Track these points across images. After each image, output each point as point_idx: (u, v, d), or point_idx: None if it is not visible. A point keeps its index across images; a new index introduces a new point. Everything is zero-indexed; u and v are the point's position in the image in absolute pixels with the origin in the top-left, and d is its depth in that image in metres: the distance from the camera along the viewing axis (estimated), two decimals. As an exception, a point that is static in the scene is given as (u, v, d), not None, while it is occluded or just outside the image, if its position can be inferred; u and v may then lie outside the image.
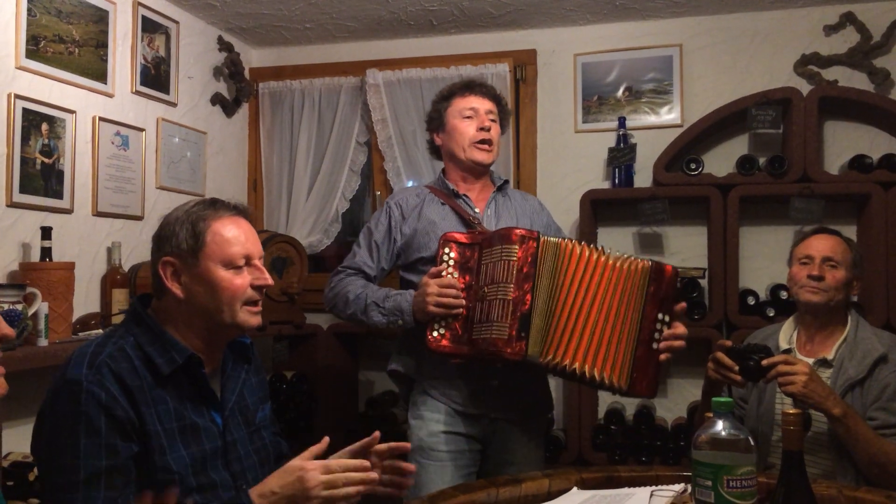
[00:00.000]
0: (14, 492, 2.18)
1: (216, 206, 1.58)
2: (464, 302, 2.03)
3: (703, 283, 3.24)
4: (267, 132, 3.83)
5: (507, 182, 2.40)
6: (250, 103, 3.85)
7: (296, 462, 1.47)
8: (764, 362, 1.97)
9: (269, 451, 1.69)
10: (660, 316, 1.99)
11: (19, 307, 2.15)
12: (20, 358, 2.12)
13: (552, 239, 2.01)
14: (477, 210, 2.28)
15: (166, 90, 3.26)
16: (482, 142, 2.26)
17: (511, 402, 2.20)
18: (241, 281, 1.54)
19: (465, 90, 2.32)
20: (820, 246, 2.17)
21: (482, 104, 2.30)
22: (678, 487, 1.60)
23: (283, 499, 1.43)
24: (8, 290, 2.18)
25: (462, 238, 2.11)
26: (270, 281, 1.60)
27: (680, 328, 2.02)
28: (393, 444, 1.55)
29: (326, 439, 1.52)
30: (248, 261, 1.56)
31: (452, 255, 2.09)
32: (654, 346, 1.99)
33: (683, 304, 2.07)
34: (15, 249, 2.51)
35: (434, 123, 2.37)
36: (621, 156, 3.33)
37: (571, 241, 2.04)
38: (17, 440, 2.24)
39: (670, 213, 3.19)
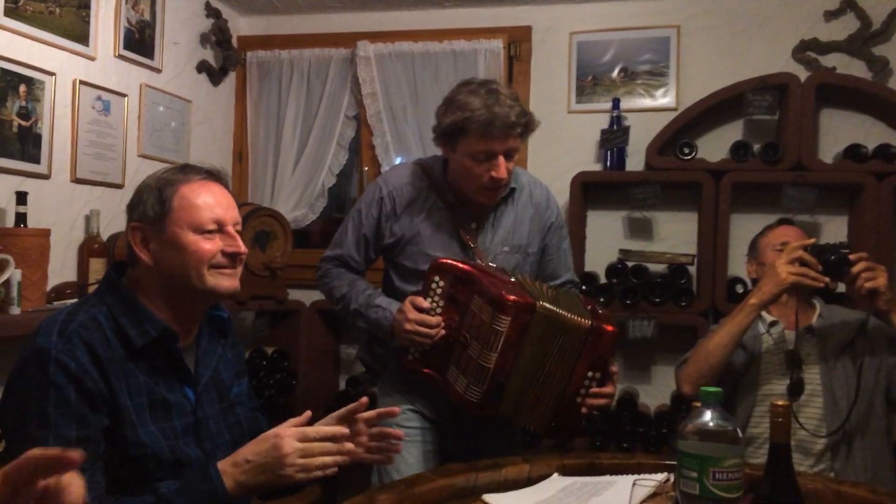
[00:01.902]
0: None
1: (186, 171, 1.52)
2: (433, 339, 1.96)
3: (692, 269, 3.21)
4: (254, 102, 3.75)
5: (514, 190, 2.19)
6: (237, 72, 3.76)
7: (272, 430, 1.42)
8: (851, 256, 2.06)
9: (243, 427, 1.64)
10: (590, 374, 1.97)
11: (-10, 273, 2.09)
12: (-10, 326, 2.06)
13: (546, 308, 1.91)
14: (474, 225, 2.13)
15: (150, 55, 3.17)
16: (493, 188, 2.06)
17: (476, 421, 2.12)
18: (209, 245, 1.48)
19: (485, 132, 1.94)
20: (792, 233, 2.33)
21: (503, 145, 1.98)
22: (661, 477, 1.57)
23: (256, 467, 1.38)
24: (-21, 255, 2.11)
25: (456, 270, 1.97)
26: (243, 248, 1.53)
27: (608, 388, 1.99)
28: (381, 409, 1.51)
29: (308, 413, 1.48)
30: (221, 227, 1.50)
31: (441, 283, 1.99)
32: (579, 399, 1.98)
33: (616, 368, 2.03)
34: (-12, 214, 2.44)
35: (443, 138, 2.06)
36: (614, 138, 3.28)
37: (570, 309, 1.95)
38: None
39: (661, 197, 3.15)
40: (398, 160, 3.51)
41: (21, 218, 2.41)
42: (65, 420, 1.32)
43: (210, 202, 1.50)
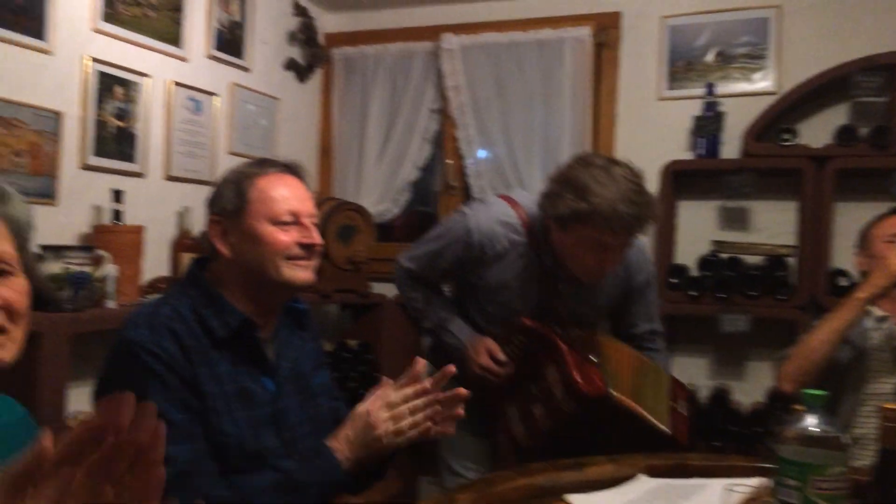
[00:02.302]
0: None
1: (263, 165, 1.54)
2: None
3: (790, 261, 3.04)
4: (339, 98, 3.78)
5: None
6: (323, 69, 3.81)
7: (363, 406, 1.48)
8: None
9: (325, 418, 1.64)
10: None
11: (88, 269, 2.17)
12: (87, 320, 2.15)
13: (619, 398, 1.86)
14: (561, 287, 2.02)
15: (240, 55, 3.25)
16: (601, 276, 1.96)
17: None
18: (285, 237, 1.49)
19: (606, 227, 1.78)
20: None
21: (617, 239, 1.83)
22: (755, 482, 1.47)
23: (356, 443, 1.46)
24: (77, 252, 2.20)
25: (543, 339, 1.94)
26: (318, 239, 1.53)
27: None
28: (437, 375, 1.49)
29: (387, 380, 1.51)
30: (297, 219, 1.51)
31: (524, 342, 1.98)
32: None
33: None
34: (87, 212, 2.54)
35: (555, 221, 1.89)
36: (708, 124, 3.14)
37: (651, 408, 1.89)
38: (85, 400, 2.27)
39: (758, 186, 2.99)
40: (481, 154, 3.47)
41: (117, 215, 2.51)
42: (168, 405, 1.35)
43: (286, 194, 1.50)
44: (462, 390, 1.50)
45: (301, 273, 1.51)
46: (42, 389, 1.95)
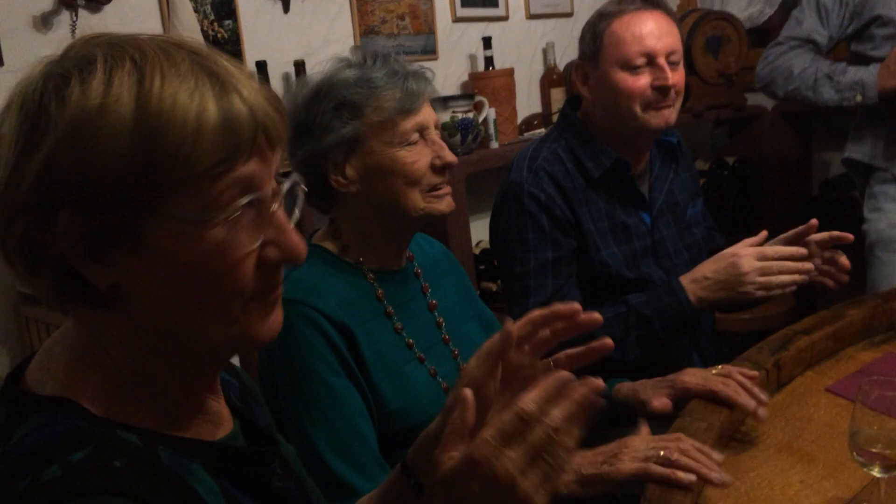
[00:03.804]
0: (485, 274, 2.56)
1: (623, 3, 1.52)
2: None
3: None
4: None
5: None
6: None
7: (729, 249, 1.44)
8: None
9: (700, 246, 1.67)
10: None
11: (470, 115, 2.40)
12: (477, 160, 2.40)
13: None
14: None
15: None
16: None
17: None
18: (638, 82, 1.48)
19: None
20: None
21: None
22: None
23: (715, 283, 1.42)
24: (460, 100, 2.44)
25: None
26: (672, 80, 1.49)
27: None
28: (834, 232, 1.40)
29: (764, 233, 1.45)
30: (652, 59, 1.48)
31: None
32: None
33: None
34: (463, 61, 2.77)
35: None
36: None
37: None
38: (483, 230, 2.59)
39: None
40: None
41: (489, 61, 2.69)
42: (541, 243, 1.51)
43: (639, 34, 1.48)
44: (813, 221, 1.39)
45: (656, 118, 1.50)
46: (451, 224, 2.26)
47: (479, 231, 2.53)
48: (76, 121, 0.57)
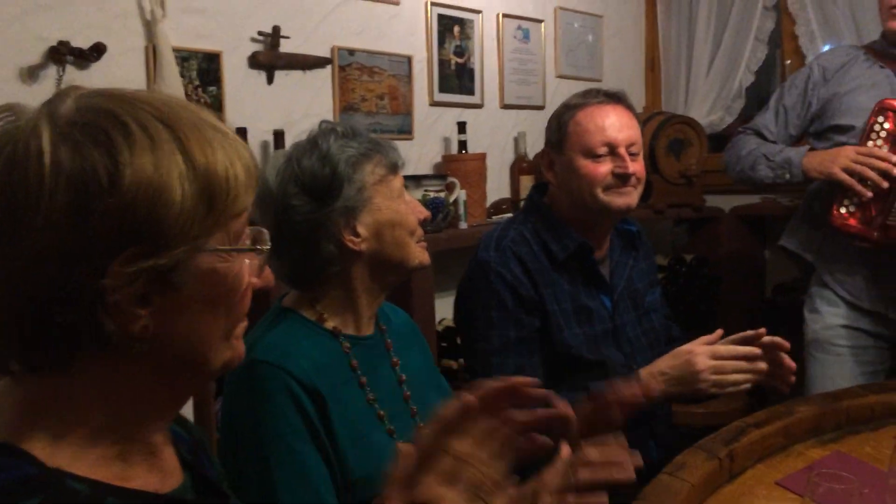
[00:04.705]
0: (447, 352, 2.57)
1: (586, 96, 1.61)
2: (885, 184, 1.77)
3: None
4: (664, 6, 3.66)
5: None
6: (647, -22, 3.71)
7: (686, 346, 1.48)
8: None
9: (658, 333, 1.72)
10: None
11: (442, 195, 2.46)
12: (445, 239, 2.45)
13: None
14: None
15: (563, -23, 3.30)
16: None
17: None
18: (600, 169, 1.55)
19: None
20: None
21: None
22: None
23: (671, 378, 1.46)
24: (433, 180, 2.51)
25: None
26: (631, 169, 1.57)
27: None
28: (776, 338, 1.46)
29: (720, 331, 1.50)
30: (613, 149, 1.56)
31: (886, 126, 1.81)
32: None
33: None
34: (438, 143, 2.85)
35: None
36: None
37: None
38: (447, 308, 2.61)
39: None
40: (825, 48, 3.15)
41: (462, 145, 2.78)
42: (505, 322, 1.54)
43: (601, 125, 1.56)
44: (762, 330, 1.45)
45: (618, 199, 1.57)
46: (416, 299, 2.29)
47: (444, 308, 2.55)
48: (135, 185, 0.62)
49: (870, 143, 1.83)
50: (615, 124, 1.58)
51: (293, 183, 1.17)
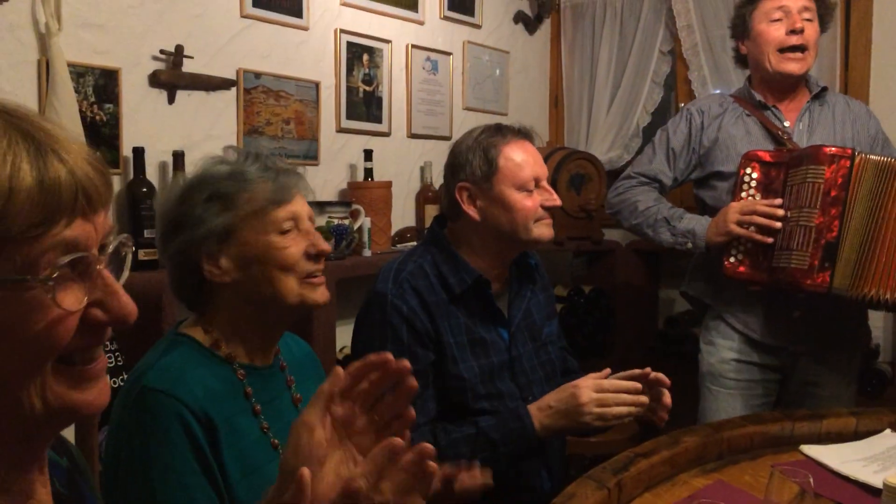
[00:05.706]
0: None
1: (503, 132, 1.63)
2: (777, 225, 1.88)
3: None
4: (568, 47, 3.80)
5: (825, 89, 2.12)
6: (552, 19, 3.84)
7: (572, 381, 1.54)
8: None
9: (555, 364, 1.76)
10: None
11: (346, 222, 2.45)
12: (349, 266, 2.44)
13: (873, 157, 1.77)
14: (787, 123, 2.07)
15: (472, 13, 3.38)
16: (793, 49, 2.00)
17: (815, 334, 2.02)
18: (531, 202, 1.60)
19: None
20: None
21: (794, 2, 2.02)
22: None
23: (557, 412, 1.52)
24: (337, 206, 2.49)
25: (766, 157, 1.95)
26: (559, 201, 1.64)
27: None
28: (659, 374, 1.55)
29: (607, 370, 1.56)
30: (537, 182, 1.61)
31: (755, 175, 1.94)
32: None
33: None
34: (344, 170, 2.84)
35: (738, 30, 2.15)
36: None
37: None
38: (349, 335, 2.59)
39: None
40: (716, 92, 3.33)
41: (368, 172, 2.78)
42: (398, 355, 1.53)
43: (529, 160, 1.61)
44: (647, 369, 1.54)
45: (546, 231, 1.63)
46: (317, 327, 2.26)
47: (345, 336, 2.51)
48: None
49: (743, 195, 1.95)
50: (537, 159, 1.63)
51: (165, 210, 1.22)
